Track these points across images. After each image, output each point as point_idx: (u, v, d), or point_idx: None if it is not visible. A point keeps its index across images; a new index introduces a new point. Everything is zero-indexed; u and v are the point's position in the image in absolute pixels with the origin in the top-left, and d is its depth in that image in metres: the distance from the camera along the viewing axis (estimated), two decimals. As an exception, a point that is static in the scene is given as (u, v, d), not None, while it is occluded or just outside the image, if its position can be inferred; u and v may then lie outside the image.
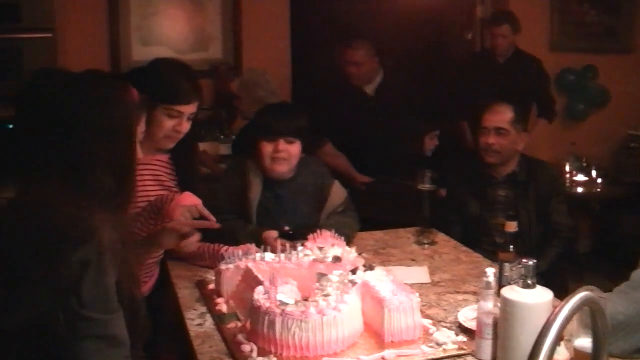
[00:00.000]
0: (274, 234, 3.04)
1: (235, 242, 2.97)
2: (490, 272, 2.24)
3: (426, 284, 2.87)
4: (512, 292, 2.09)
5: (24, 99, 2.01)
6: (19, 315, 1.76)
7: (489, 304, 2.20)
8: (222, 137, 4.99)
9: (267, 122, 3.25)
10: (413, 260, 3.18)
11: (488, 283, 2.22)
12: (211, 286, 2.73)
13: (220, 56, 5.38)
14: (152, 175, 2.89)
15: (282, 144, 3.19)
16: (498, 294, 2.17)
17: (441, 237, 3.48)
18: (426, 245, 3.36)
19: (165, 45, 5.32)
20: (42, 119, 1.89)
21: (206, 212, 2.61)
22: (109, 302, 1.78)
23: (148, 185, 2.84)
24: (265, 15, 5.44)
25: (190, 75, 2.96)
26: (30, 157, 1.89)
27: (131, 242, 1.96)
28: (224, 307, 2.56)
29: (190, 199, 2.63)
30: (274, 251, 2.68)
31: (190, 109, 2.87)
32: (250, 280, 2.49)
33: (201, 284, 2.80)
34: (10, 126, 4.45)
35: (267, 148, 3.20)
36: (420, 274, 2.98)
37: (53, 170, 1.85)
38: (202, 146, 4.46)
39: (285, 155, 3.20)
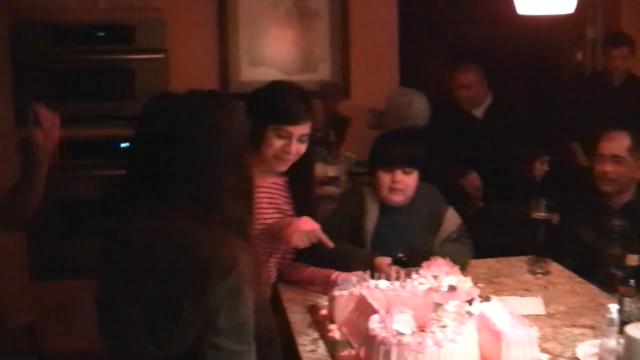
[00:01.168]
0: (386, 260, 3.01)
1: (347, 267, 2.95)
2: (614, 308, 2.17)
3: (541, 315, 2.80)
4: (637, 330, 2.02)
5: (147, 126, 2.02)
6: (168, 348, 1.77)
7: (612, 342, 2.13)
8: (330, 158, 5.00)
9: (384, 151, 3.22)
10: (527, 290, 3.10)
11: (611, 320, 2.16)
12: (324, 312, 2.72)
13: (328, 77, 5.38)
14: (268, 199, 2.90)
15: (399, 175, 3.15)
16: (619, 329, 2.11)
17: (555, 266, 3.39)
18: (540, 275, 3.28)
19: (273, 66, 5.37)
20: (168, 148, 1.89)
21: (324, 237, 2.61)
22: (246, 333, 1.78)
23: (264, 209, 2.85)
24: (373, 36, 5.43)
25: (301, 96, 2.95)
26: (155, 184, 1.90)
27: (262, 269, 1.96)
28: (336, 334, 2.54)
29: (308, 225, 2.63)
30: (387, 278, 2.66)
31: (299, 129, 2.85)
32: (364, 308, 2.47)
33: (313, 310, 2.78)
34: (123, 145, 4.59)
35: (384, 179, 3.17)
36: (534, 305, 2.91)
37: (184, 199, 1.85)
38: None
39: (402, 186, 3.17)
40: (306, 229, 2.62)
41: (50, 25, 4.69)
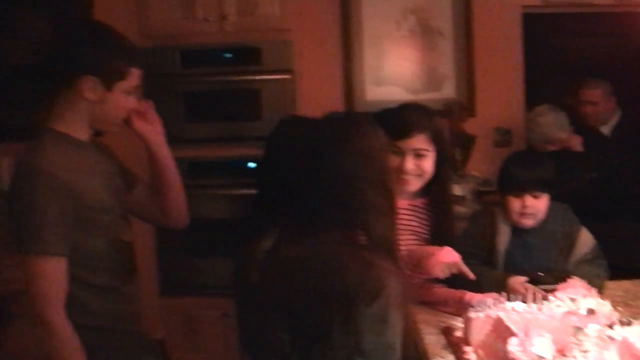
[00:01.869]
0: (520, 279, 2.95)
1: (479, 288, 2.91)
2: None
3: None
4: None
5: (283, 150, 2.03)
6: None
7: None
8: (455, 177, 4.95)
9: (512, 176, 3.17)
10: (667, 314, 3.00)
11: None
12: (458, 334, 2.68)
13: (453, 96, 5.33)
14: (405, 221, 2.88)
15: (528, 200, 3.10)
16: None
17: (695, 288, 3.27)
18: (680, 298, 3.17)
19: (398, 85, 5.35)
20: (312, 172, 1.91)
21: (465, 268, 2.59)
22: (393, 356, 1.77)
23: (400, 231, 2.83)
24: (498, 53, 5.36)
25: (413, 111, 2.94)
26: (298, 207, 1.91)
27: (409, 291, 1.95)
28: (472, 357, 2.50)
29: (450, 256, 2.61)
30: (523, 300, 2.61)
31: (411, 144, 2.83)
32: (501, 331, 2.42)
33: (447, 331, 2.75)
34: (250, 165, 4.66)
35: (514, 203, 3.11)
36: (677, 329, 2.80)
37: (330, 223, 1.85)
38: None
39: (532, 210, 3.11)
40: (448, 260, 2.61)
41: (178, 48, 4.80)
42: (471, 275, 2.64)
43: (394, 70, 5.39)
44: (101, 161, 2.69)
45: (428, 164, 2.89)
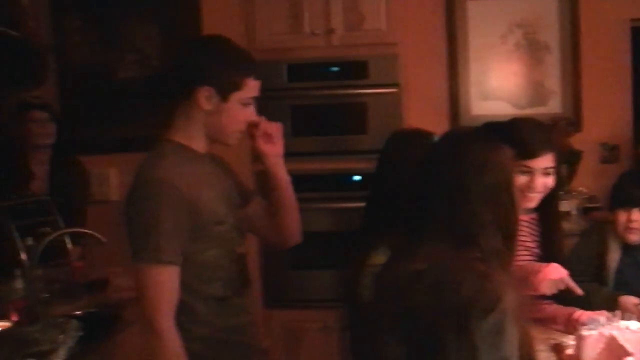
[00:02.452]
0: (633, 300, 2.90)
1: (588, 305, 2.87)
2: None
3: None
4: None
5: (396, 163, 2.04)
6: None
7: None
8: (562, 193, 4.88)
9: (622, 190, 3.14)
10: None
11: None
12: (569, 351, 2.65)
13: (559, 111, 5.27)
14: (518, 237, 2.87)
15: (635, 214, 3.06)
16: None
17: None
18: None
19: (503, 100, 5.32)
20: (423, 185, 1.91)
21: (572, 284, 2.56)
22: None
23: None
24: (606, 68, 5.27)
25: (540, 129, 2.91)
26: (412, 221, 1.92)
27: (524, 302, 1.93)
28: (584, 375, 2.48)
29: (557, 272, 2.59)
30: (637, 318, 2.57)
31: (541, 163, 2.80)
32: (615, 350, 2.39)
33: (557, 349, 2.72)
34: (355, 178, 4.68)
35: (621, 217, 3.09)
36: None
37: (443, 235, 1.86)
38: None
39: (638, 225, 3.07)
40: (555, 277, 2.59)
41: (285, 62, 4.86)
42: (579, 291, 2.61)
43: (500, 84, 5.36)
44: (218, 174, 2.74)
45: (553, 181, 2.86)
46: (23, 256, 3.70)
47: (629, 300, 2.90)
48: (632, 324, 2.52)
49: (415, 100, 5.02)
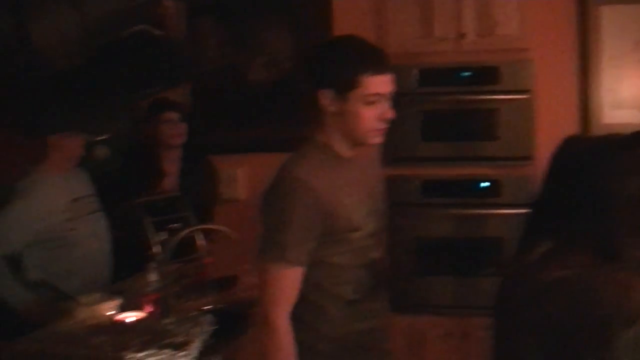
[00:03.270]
0: None
1: None
2: None
3: None
4: None
5: (560, 172, 1.98)
6: None
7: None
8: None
9: None
10: None
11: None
12: None
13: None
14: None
15: None
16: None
17: None
18: None
19: (636, 109, 5.17)
20: (574, 191, 1.86)
21: None
22: None
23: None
24: None
25: None
26: (557, 226, 1.87)
27: None
28: None
29: None
30: None
31: None
32: None
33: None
34: (482, 185, 4.62)
35: None
36: None
37: (586, 243, 1.80)
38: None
39: None
40: None
41: (416, 66, 4.83)
42: None
43: (633, 93, 5.21)
44: (361, 180, 2.72)
45: None
46: (156, 250, 3.78)
47: None
48: None
49: (546, 106, 4.92)
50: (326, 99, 2.56)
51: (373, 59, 2.62)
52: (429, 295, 4.94)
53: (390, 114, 2.62)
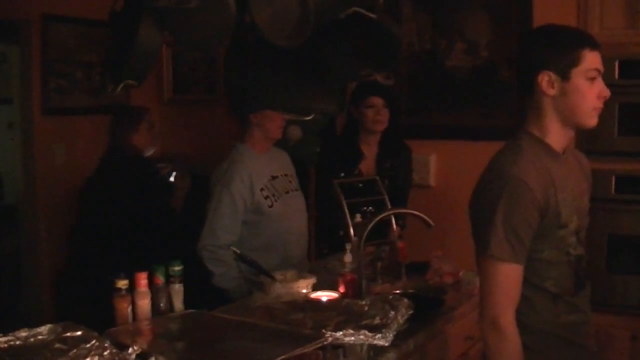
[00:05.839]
0: None
1: None
2: None
3: None
4: None
5: None
6: None
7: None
8: None
9: None
10: None
11: None
12: None
13: None
14: None
15: None
16: None
17: None
18: None
19: None
20: None
21: None
22: None
23: None
24: None
25: None
26: None
27: None
28: None
29: None
30: None
31: None
32: None
33: None
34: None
35: None
36: None
37: None
38: None
39: None
40: None
41: (616, 57, 4.66)
42: None
43: None
44: (572, 175, 2.69)
45: None
46: (351, 232, 3.84)
47: None
48: None
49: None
50: (545, 82, 2.54)
51: (586, 34, 2.65)
52: (618, 294, 4.82)
53: (607, 91, 2.59)
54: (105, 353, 2.56)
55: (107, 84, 3.51)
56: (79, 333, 2.70)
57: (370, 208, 4.24)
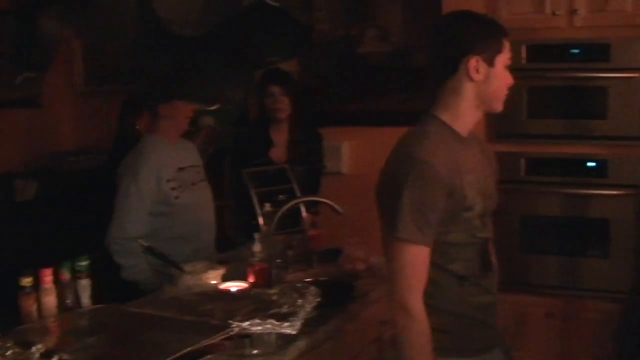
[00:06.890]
0: None
1: None
2: None
3: None
4: None
5: None
6: None
7: None
8: None
9: None
10: None
11: None
12: None
13: None
14: None
15: None
16: None
17: None
18: None
19: None
20: None
21: None
22: None
23: None
24: None
25: None
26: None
27: None
28: None
29: None
30: None
31: None
32: None
33: None
34: (589, 164, 4.53)
35: None
36: None
37: None
38: None
39: None
40: None
41: (525, 42, 4.75)
42: None
43: None
44: (477, 159, 2.72)
45: None
46: (260, 221, 3.83)
47: None
48: None
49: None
50: (473, 67, 2.56)
51: (502, 25, 2.71)
52: (532, 275, 4.90)
53: (512, 80, 2.69)
54: (8, 353, 2.52)
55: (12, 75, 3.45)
56: (-20, 334, 2.65)
57: (283, 196, 4.24)
